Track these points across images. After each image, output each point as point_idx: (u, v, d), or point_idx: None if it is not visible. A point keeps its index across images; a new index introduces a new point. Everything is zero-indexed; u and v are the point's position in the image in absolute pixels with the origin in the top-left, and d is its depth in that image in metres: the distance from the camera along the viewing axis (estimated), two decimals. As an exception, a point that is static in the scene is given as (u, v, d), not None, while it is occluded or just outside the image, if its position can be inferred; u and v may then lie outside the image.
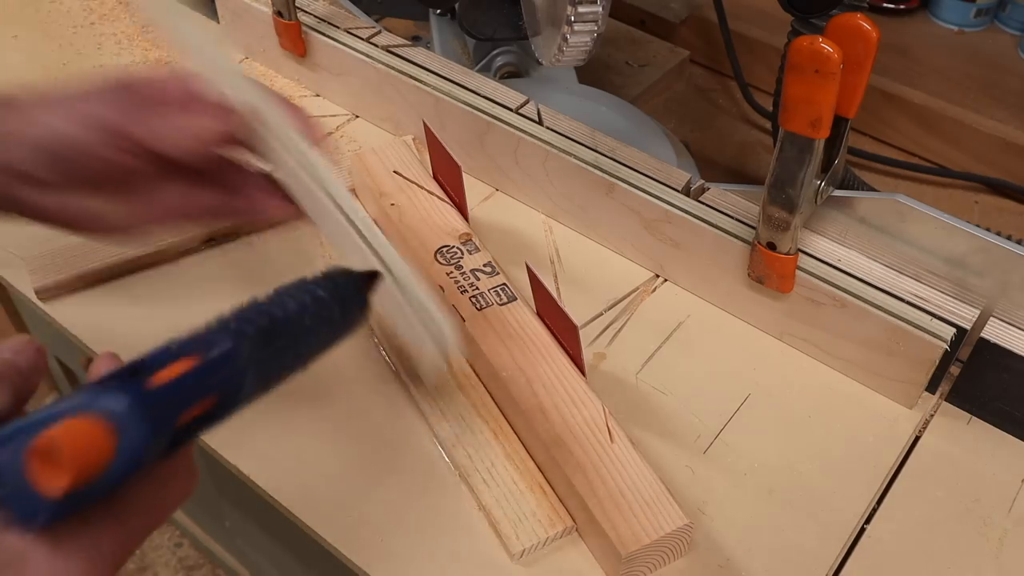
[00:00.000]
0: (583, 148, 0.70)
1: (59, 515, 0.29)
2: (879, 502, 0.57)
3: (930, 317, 0.58)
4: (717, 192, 0.67)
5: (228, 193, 0.53)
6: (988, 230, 0.59)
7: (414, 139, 0.79)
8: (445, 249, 0.66)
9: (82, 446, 0.27)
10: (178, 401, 0.30)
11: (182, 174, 0.50)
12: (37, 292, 0.66)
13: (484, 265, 0.65)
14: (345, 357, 0.63)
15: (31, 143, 0.44)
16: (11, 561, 0.29)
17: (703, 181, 0.67)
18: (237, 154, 0.52)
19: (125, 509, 0.32)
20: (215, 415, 0.32)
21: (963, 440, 0.61)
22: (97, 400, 0.28)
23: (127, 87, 0.49)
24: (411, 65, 0.78)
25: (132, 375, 0.30)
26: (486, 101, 0.74)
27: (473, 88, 0.75)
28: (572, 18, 0.60)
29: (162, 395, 0.29)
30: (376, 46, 0.80)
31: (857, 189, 0.74)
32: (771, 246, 0.60)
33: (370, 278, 0.42)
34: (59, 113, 0.47)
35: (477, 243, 0.67)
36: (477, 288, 0.63)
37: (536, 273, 0.58)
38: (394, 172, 0.72)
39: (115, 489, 0.29)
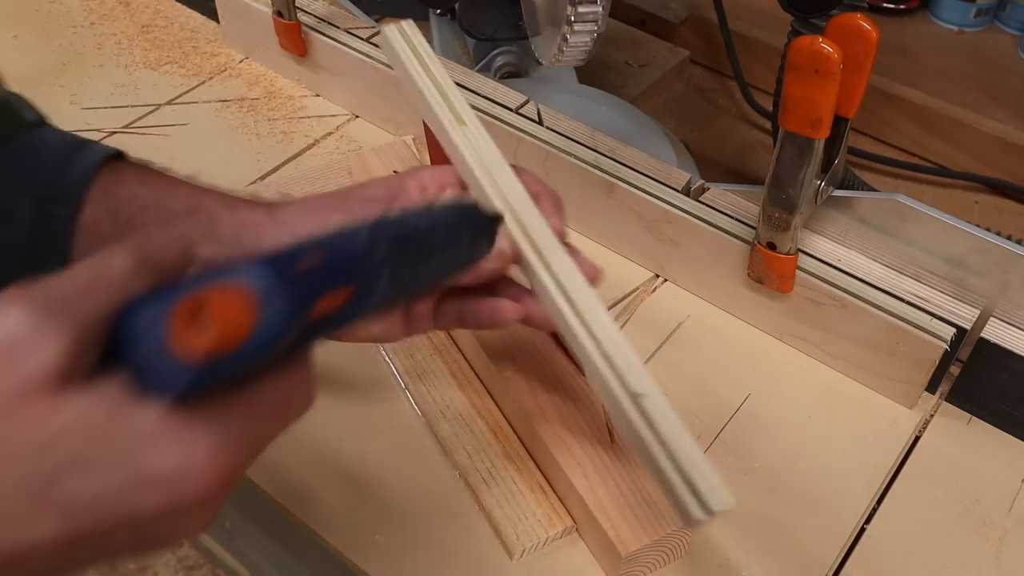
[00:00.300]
0: (583, 148, 0.70)
1: (194, 385, 0.29)
2: (879, 502, 0.57)
3: (930, 317, 0.58)
4: (717, 192, 0.67)
5: (483, 297, 0.50)
6: (988, 230, 0.59)
7: (414, 139, 0.79)
8: (445, 249, 0.66)
9: (226, 311, 0.27)
10: (318, 284, 0.30)
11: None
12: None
13: (484, 265, 0.65)
14: (345, 358, 0.63)
15: None
16: (138, 436, 0.30)
17: (703, 181, 0.67)
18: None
19: (252, 402, 0.33)
20: (347, 312, 0.32)
21: (963, 440, 0.61)
22: (241, 271, 0.28)
23: (383, 199, 0.49)
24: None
25: (275, 256, 0.30)
26: (486, 101, 0.74)
27: (473, 88, 0.75)
28: (572, 18, 0.60)
29: (304, 275, 0.29)
30: (376, 46, 0.80)
31: (857, 189, 0.74)
32: (771, 246, 0.60)
33: (496, 219, 0.43)
34: (313, 224, 0.47)
35: (477, 243, 0.67)
36: (477, 288, 0.63)
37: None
38: (394, 172, 0.72)
39: (252, 363, 0.29)
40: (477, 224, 0.41)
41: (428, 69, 0.53)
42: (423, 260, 0.36)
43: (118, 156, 0.49)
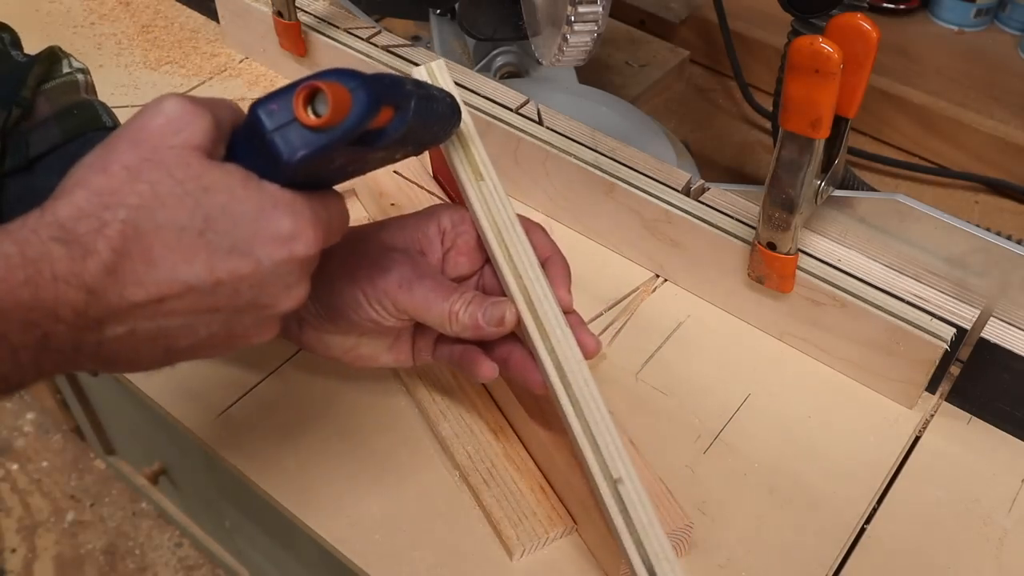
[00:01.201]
0: (583, 148, 0.70)
1: (315, 149, 0.39)
2: (879, 502, 0.57)
3: (930, 317, 0.58)
4: (717, 192, 0.67)
5: (473, 348, 0.52)
6: (988, 230, 0.59)
7: (414, 139, 0.79)
8: (445, 249, 0.66)
9: (335, 93, 0.38)
10: (380, 92, 0.40)
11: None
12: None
13: (484, 265, 0.65)
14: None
15: (312, 294, 0.48)
16: (264, 201, 0.39)
17: (703, 181, 0.67)
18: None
19: (325, 202, 0.42)
20: (389, 130, 0.42)
21: (963, 440, 0.61)
22: (334, 75, 0.39)
23: (402, 250, 0.51)
24: (411, 65, 0.78)
25: (351, 71, 0.40)
26: (486, 101, 0.74)
27: (473, 88, 0.75)
28: (572, 18, 0.60)
29: (374, 83, 0.40)
30: (376, 46, 0.80)
31: (857, 189, 0.74)
32: (771, 246, 0.60)
33: (459, 107, 0.51)
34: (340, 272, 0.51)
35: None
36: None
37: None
38: (394, 172, 0.72)
39: (348, 137, 0.39)
40: (454, 102, 0.50)
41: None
42: (432, 103, 0.46)
43: None
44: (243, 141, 0.41)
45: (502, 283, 0.51)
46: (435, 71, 0.53)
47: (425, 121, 0.45)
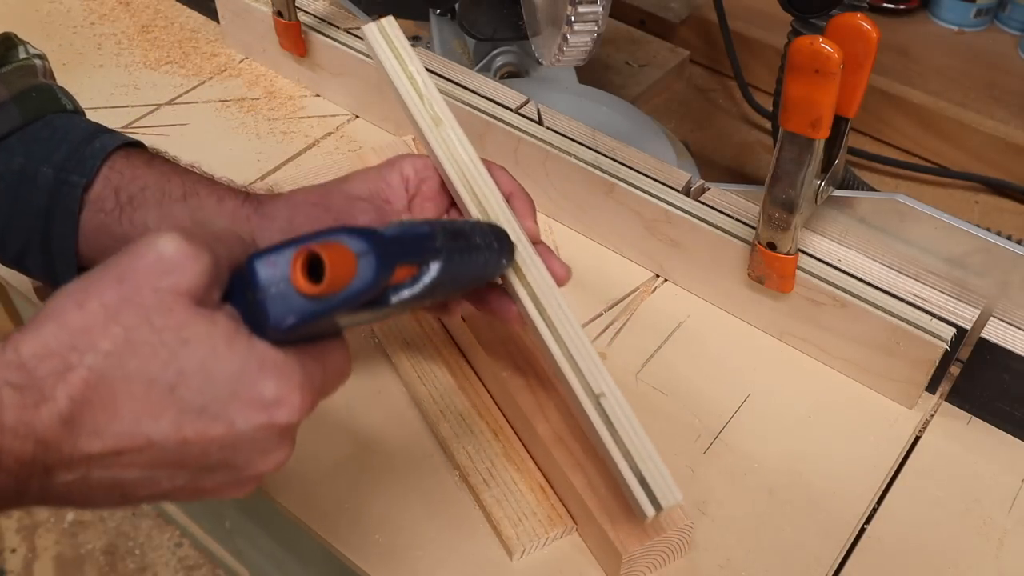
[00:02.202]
0: (583, 148, 0.70)
1: (306, 317, 0.36)
2: (879, 502, 0.57)
3: (930, 317, 0.58)
4: (717, 192, 0.67)
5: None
6: (988, 230, 0.59)
7: (414, 139, 0.79)
8: (445, 249, 0.66)
9: (336, 260, 0.35)
10: (395, 255, 0.38)
11: None
12: (37, 292, 0.66)
13: (484, 265, 0.65)
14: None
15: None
16: (249, 361, 0.36)
17: (703, 181, 0.67)
18: None
19: (323, 358, 0.39)
20: (401, 289, 0.39)
21: (963, 440, 0.61)
22: (343, 235, 0.36)
23: (366, 196, 0.52)
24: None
25: (365, 230, 0.37)
26: (486, 101, 0.74)
27: (473, 88, 0.75)
28: (572, 18, 0.60)
29: (387, 245, 0.37)
30: (376, 46, 0.80)
31: (857, 189, 0.74)
32: (771, 246, 0.60)
33: (512, 243, 0.49)
34: (297, 219, 0.51)
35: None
36: (477, 288, 0.63)
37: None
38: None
39: (349, 306, 0.36)
40: (504, 239, 0.47)
41: (406, 68, 0.54)
42: (468, 255, 0.43)
43: (136, 145, 0.55)
44: (239, 287, 0.38)
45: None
46: (386, 28, 0.54)
47: (456, 276, 0.42)
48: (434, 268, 0.40)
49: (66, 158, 0.52)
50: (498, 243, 0.46)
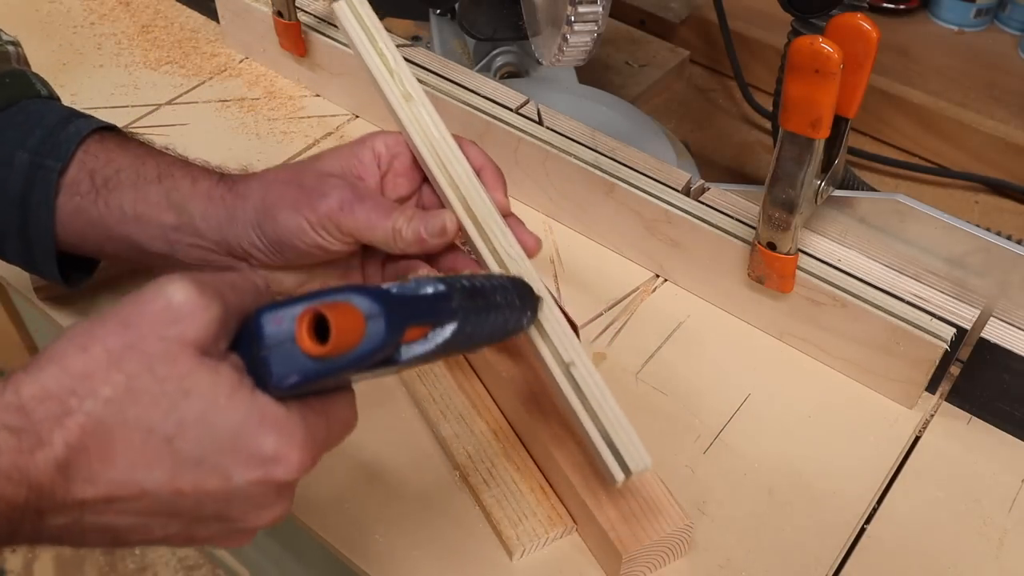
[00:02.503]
0: (583, 148, 0.70)
1: (309, 377, 0.35)
2: (879, 502, 0.57)
3: (930, 317, 0.58)
4: (717, 192, 0.67)
5: (430, 262, 0.53)
6: (988, 230, 0.59)
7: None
8: (445, 249, 0.66)
9: (343, 322, 0.34)
10: (407, 317, 0.37)
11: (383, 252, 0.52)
12: (37, 292, 0.66)
13: (484, 265, 0.65)
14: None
15: (255, 228, 0.48)
16: (250, 416, 0.35)
17: (703, 181, 0.67)
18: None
19: (328, 413, 0.39)
20: (413, 348, 0.38)
21: (963, 440, 0.61)
22: (353, 295, 0.35)
23: (339, 172, 0.52)
24: (411, 65, 0.78)
25: (377, 290, 0.37)
26: (486, 101, 0.74)
27: (473, 88, 0.75)
28: (572, 18, 0.60)
29: (398, 307, 0.36)
30: (376, 46, 0.80)
31: (857, 189, 0.74)
32: (771, 246, 0.60)
33: (539, 298, 0.48)
34: (271, 197, 0.51)
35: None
36: (477, 288, 0.63)
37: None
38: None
39: (355, 367, 0.35)
40: (528, 295, 0.46)
41: (376, 45, 0.54)
42: (486, 314, 0.42)
43: (111, 129, 0.55)
44: (247, 338, 0.37)
45: (440, 195, 0.52)
46: (356, 6, 0.55)
47: (472, 335, 0.41)
48: (448, 330, 0.39)
49: (41, 142, 0.52)
50: (520, 300, 0.45)
